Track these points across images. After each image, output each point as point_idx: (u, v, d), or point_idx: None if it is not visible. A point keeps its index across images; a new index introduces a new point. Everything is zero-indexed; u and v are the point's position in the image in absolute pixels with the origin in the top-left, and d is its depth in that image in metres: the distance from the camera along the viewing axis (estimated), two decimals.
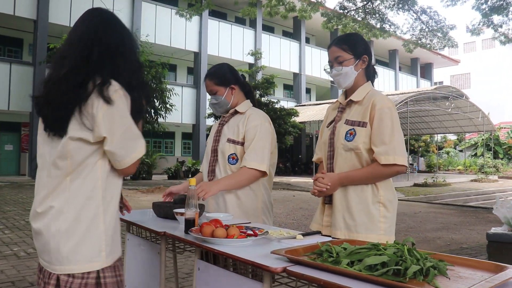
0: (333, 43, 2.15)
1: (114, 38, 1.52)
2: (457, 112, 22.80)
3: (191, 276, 4.18)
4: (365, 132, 1.99)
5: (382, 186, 2.02)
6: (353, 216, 1.99)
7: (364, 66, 2.13)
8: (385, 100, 2.02)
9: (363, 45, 2.14)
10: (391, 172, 1.95)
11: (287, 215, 8.88)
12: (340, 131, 2.08)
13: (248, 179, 2.31)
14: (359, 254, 1.26)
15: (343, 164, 2.05)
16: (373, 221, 1.97)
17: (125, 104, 1.45)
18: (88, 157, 1.43)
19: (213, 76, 2.49)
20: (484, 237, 6.76)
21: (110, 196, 1.48)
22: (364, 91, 2.10)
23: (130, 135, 1.45)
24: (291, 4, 13.44)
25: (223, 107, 2.50)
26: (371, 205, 1.99)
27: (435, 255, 1.31)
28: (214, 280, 1.63)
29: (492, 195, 15.31)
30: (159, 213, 2.26)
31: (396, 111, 2.03)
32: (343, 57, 2.09)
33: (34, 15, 17.32)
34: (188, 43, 21.96)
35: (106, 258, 1.45)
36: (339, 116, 2.15)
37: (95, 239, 1.43)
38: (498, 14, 12.88)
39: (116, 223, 1.55)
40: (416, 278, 1.13)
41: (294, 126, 19.24)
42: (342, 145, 2.05)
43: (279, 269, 1.28)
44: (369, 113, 2.00)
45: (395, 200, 2.07)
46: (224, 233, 1.59)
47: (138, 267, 2.24)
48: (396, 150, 1.92)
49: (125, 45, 1.54)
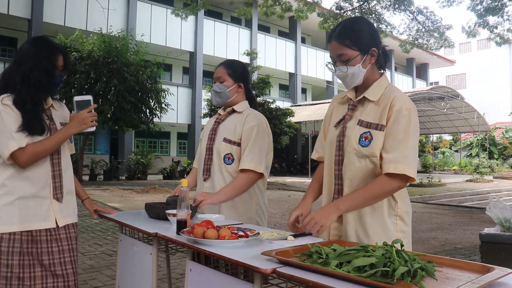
0: (333, 36, 1.80)
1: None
2: (453, 113, 22.92)
3: (184, 276, 4.17)
4: (383, 137, 1.72)
5: (400, 196, 1.78)
6: (367, 232, 1.74)
7: (373, 60, 1.81)
8: (405, 100, 1.74)
9: (369, 34, 1.79)
10: (398, 185, 1.68)
11: (282, 216, 8.89)
12: (352, 133, 1.79)
13: (247, 184, 2.31)
14: (348, 255, 1.27)
15: (355, 173, 1.77)
16: (390, 237, 1.71)
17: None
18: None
19: (229, 66, 2.49)
20: (478, 238, 6.81)
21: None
22: (380, 88, 1.81)
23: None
24: (287, 4, 13.46)
25: (222, 98, 2.48)
26: (387, 219, 1.75)
27: (424, 257, 1.32)
28: (205, 281, 1.64)
29: (487, 195, 15.35)
30: (151, 214, 2.26)
31: (417, 114, 1.76)
32: (347, 55, 1.77)
33: (28, 14, 17.26)
34: (184, 42, 21.95)
35: None
36: (350, 114, 1.84)
37: None
38: (493, 15, 12.94)
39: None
40: (404, 279, 1.14)
41: (290, 126, 19.26)
42: (355, 150, 1.77)
43: (269, 271, 1.28)
44: (387, 114, 1.74)
45: (410, 211, 1.86)
46: (215, 234, 1.60)
47: (131, 268, 2.24)
48: (407, 159, 1.66)
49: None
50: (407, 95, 1.83)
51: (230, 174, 2.38)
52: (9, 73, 2.03)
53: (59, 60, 2.09)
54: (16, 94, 1.98)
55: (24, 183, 1.99)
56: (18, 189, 1.97)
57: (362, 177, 1.76)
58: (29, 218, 1.99)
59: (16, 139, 1.91)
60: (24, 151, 1.92)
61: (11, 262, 1.93)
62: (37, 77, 2.00)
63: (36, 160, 1.98)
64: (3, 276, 1.92)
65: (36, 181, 2.02)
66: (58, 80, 2.10)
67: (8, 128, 1.91)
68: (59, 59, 2.09)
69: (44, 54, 2.03)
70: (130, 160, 19.07)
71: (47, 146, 1.99)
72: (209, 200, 2.21)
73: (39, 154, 1.98)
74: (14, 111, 1.95)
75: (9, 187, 1.96)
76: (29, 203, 1.99)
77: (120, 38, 15.61)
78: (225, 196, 2.27)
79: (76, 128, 2.06)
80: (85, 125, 2.06)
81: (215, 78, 2.50)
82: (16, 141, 1.90)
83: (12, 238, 1.94)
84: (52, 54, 2.05)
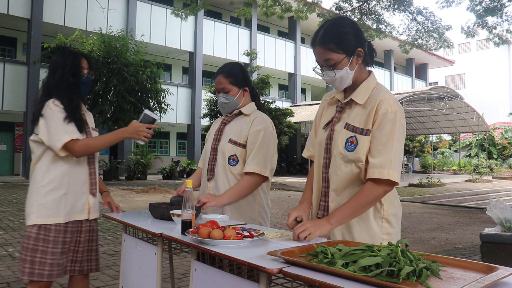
0: (316, 41, 1.76)
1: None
2: (452, 113, 22.94)
3: (186, 276, 4.19)
4: (368, 142, 1.72)
5: (386, 198, 1.77)
6: (352, 234, 1.77)
7: (360, 60, 1.78)
8: (391, 102, 1.72)
9: (353, 35, 1.75)
10: (384, 189, 1.69)
11: (282, 216, 8.90)
12: (339, 136, 1.79)
13: (251, 187, 2.32)
14: (353, 255, 1.28)
15: (341, 177, 1.78)
16: (375, 239, 1.74)
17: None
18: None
19: (229, 74, 2.43)
20: (478, 238, 6.82)
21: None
22: (367, 90, 1.79)
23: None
24: (287, 4, 13.47)
25: (232, 107, 2.47)
26: (372, 221, 1.76)
27: (428, 256, 1.34)
28: (211, 281, 1.65)
29: (486, 195, 15.41)
30: (155, 214, 2.27)
31: (403, 116, 1.75)
32: (333, 59, 1.74)
33: (28, 14, 17.26)
34: (183, 43, 21.96)
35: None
36: (338, 116, 1.84)
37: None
38: (492, 16, 12.97)
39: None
40: (410, 279, 1.15)
41: (289, 126, 19.29)
42: (341, 154, 1.77)
43: (275, 270, 1.29)
44: (373, 118, 1.73)
45: (399, 213, 1.84)
46: (221, 235, 1.61)
47: (134, 268, 2.25)
48: (392, 164, 1.67)
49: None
50: (406, 95, 1.85)
51: (234, 176, 2.38)
52: (47, 82, 2.34)
53: (83, 62, 2.38)
54: (60, 98, 2.26)
55: (69, 180, 2.28)
56: (64, 185, 2.26)
57: (347, 181, 1.77)
58: (71, 211, 2.29)
59: (68, 133, 2.19)
60: (78, 141, 2.20)
61: (56, 250, 2.23)
62: (68, 80, 2.30)
63: (87, 152, 2.26)
64: (48, 263, 2.20)
65: (78, 178, 2.31)
66: (86, 80, 2.39)
67: (61, 124, 2.20)
68: (83, 62, 2.38)
69: (70, 60, 2.34)
70: (130, 160, 19.07)
71: (99, 142, 2.28)
72: (213, 202, 2.22)
73: (91, 147, 2.25)
74: (63, 111, 2.23)
75: (57, 183, 2.24)
76: (72, 198, 2.29)
77: (119, 38, 15.60)
78: (229, 199, 2.27)
79: (129, 134, 2.27)
80: (137, 136, 2.27)
81: (218, 89, 2.45)
82: (68, 134, 2.19)
83: (58, 229, 2.24)
84: (76, 59, 2.36)
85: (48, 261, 2.20)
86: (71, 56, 2.37)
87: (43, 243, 2.21)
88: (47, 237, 2.22)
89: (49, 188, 2.23)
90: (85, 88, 2.41)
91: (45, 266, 2.19)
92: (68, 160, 2.27)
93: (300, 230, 1.67)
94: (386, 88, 1.85)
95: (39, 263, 2.19)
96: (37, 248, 2.20)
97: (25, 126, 17.19)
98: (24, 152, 17.33)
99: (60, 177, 2.25)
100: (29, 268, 2.18)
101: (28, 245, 2.20)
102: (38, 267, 2.18)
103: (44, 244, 2.21)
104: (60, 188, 2.24)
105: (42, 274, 2.18)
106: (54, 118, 2.20)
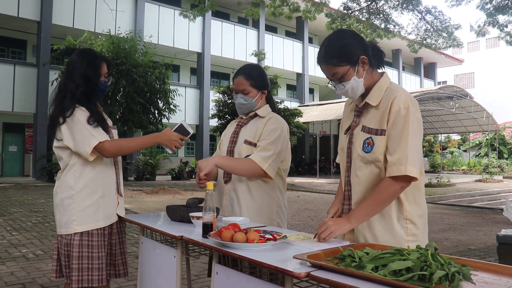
0: (320, 60, 1.83)
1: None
2: (461, 112, 22.77)
3: (200, 278, 4.19)
4: (384, 141, 1.74)
5: (410, 199, 1.76)
6: (375, 237, 1.75)
7: (366, 67, 1.81)
8: (403, 98, 1.73)
9: (353, 45, 1.79)
10: (401, 185, 1.68)
11: (292, 216, 8.88)
12: (357, 140, 1.82)
13: (246, 170, 2.25)
14: (382, 259, 1.26)
15: (362, 179, 1.80)
16: (399, 240, 1.72)
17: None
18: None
19: (250, 76, 2.42)
20: (492, 239, 6.75)
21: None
22: (380, 91, 1.81)
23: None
24: (295, 4, 13.44)
25: (249, 108, 2.46)
26: (396, 223, 1.74)
27: (458, 260, 1.31)
28: (233, 284, 1.63)
29: (497, 195, 15.27)
30: (174, 216, 2.26)
31: (417, 110, 1.75)
32: (339, 73, 1.79)
33: (37, 17, 17.39)
34: (191, 43, 22.00)
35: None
36: (356, 121, 1.88)
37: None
38: (503, 14, 12.84)
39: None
40: (442, 283, 1.13)
41: (298, 126, 19.23)
42: (359, 156, 1.80)
43: (302, 274, 1.27)
44: (387, 117, 1.74)
45: (425, 213, 1.82)
46: (244, 238, 1.59)
47: (152, 270, 2.25)
48: (408, 159, 1.65)
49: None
50: (415, 95, 1.86)
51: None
52: (64, 85, 2.28)
53: (103, 68, 2.34)
54: (79, 102, 2.24)
55: (102, 182, 2.28)
56: (99, 188, 2.26)
57: (369, 183, 1.78)
58: (108, 214, 2.30)
59: (95, 136, 2.17)
60: (108, 142, 2.19)
61: (101, 254, 2.24)
62: (86, 85, 2.25)
63: (119, 153, 2.28)
64: (95, 267, 2.21)
65: (109, 179, 2.32)
66: (103, 87, 2.36)
67: (85, 128, 2.18)
68: (103, 67, 2.33)
69: (89, 63, 2.28)
70: (139, 161, 19.14)
71: (131, 145, 2.29)
72: (203, 165, 2.17)
73: (123, 148, 2.27)
74: (85, 114, 2.21)
75: (92, 188, 2.24)
76: (106, 200, 2.30)
77: (128, 39, 15.67)
78: (220, 162, 2.23)
79: (162, 141, 2.26)
80: (169, 144, 2.26)
81: (238, 90, 2.42)
82: (95, 137, 2.16)
83: (100, 233, 2.25)
84: (96, 63, 2.30)
85: (95, 266, 2.21)
86: (91, 59, 2.31)
87: (87, 249, 2.21)
88: (90, 243, 2.22)
89: (86, 193, 2.22)
90: (101, 95, 2.39)
91: (93, 271, 2.20)
92: (98, 162, 2.26)
93: (322, 229, 1.71)
94: (399, 86, 1.86)
95: (87, 269, 2.19)
96: (82, 254, 2.19)
97: (35, 128, 17.30)
98: (34, 153, 17.44)
99: (93, 181, 2.24)
100: (77, 276, 2.17)
101: (70, 253, 2.19)
102: (87, 273, 2.19)
103: (89, 250, 2.21)
104: (95, 192, 2.24)
105: (91, 279, 2.19)
106: (77, 122, 2.18)
